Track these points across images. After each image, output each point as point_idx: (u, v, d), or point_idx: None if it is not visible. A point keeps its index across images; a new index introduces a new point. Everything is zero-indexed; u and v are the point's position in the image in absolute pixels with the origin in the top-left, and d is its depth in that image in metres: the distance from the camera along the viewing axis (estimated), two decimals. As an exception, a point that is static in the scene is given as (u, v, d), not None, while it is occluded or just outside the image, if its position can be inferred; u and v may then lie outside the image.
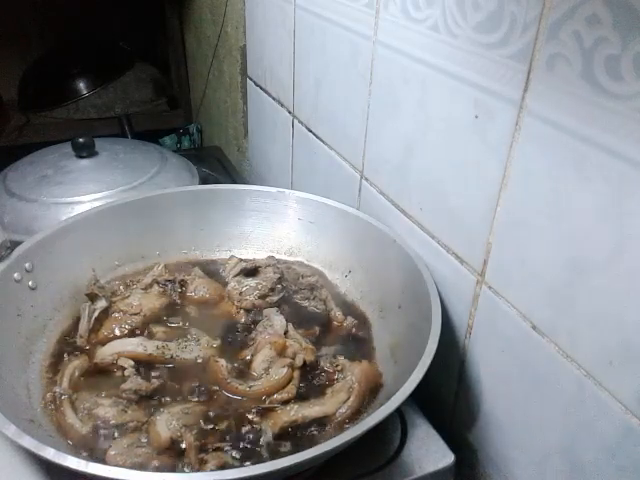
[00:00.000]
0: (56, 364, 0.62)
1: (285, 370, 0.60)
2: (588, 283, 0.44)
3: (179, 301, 0.72)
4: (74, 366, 0.61)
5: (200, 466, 0.50)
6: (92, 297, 0.68)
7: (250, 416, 0.56)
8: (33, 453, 0.43)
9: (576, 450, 0.48)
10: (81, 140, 0.99)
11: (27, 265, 0.65)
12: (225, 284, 0.75)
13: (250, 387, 0.59)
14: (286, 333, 0.66)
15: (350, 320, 0.70)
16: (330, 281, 0.77)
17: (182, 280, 0.74)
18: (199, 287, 0.74)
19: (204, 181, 1.09)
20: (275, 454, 0.52)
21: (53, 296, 0.68)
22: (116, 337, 0.65)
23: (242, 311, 0.71)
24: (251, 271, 0.75)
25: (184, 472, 0.49)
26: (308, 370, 0.61)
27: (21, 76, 1.64)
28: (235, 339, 0.66)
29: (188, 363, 0.63)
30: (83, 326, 0.66)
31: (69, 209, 0.89)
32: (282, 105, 0.99)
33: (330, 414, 0.56)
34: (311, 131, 0.89)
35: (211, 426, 0.54)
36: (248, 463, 0.51)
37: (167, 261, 0.79)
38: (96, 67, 1.61)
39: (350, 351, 0.65)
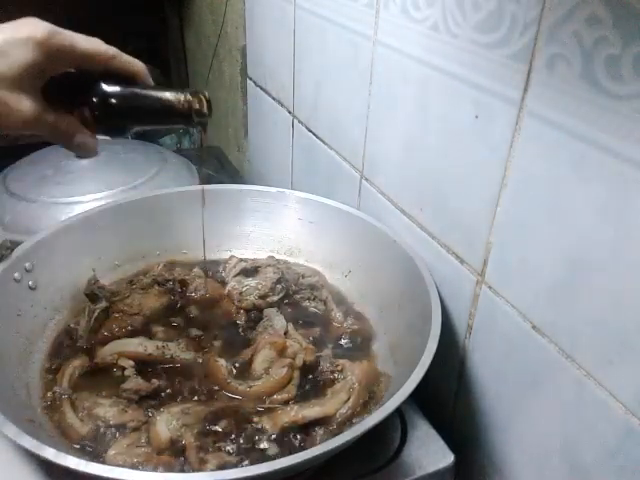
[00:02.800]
0: (56, 364, 0.62)
1: (285, 370, 0.60)
2: (588, 283, 0.44)
3: (179, 301, 0.72)
4: (74, 366, 0.61)
5: (200, 466, 0.50)
6: (92, 297, 0.68)
7: (250, 416, 0.56)
8: (33, 453, 0.43)
9: (576, 450, 0.48)
10: (81, 140, 0.99)
11: (27, 265, 0.65)
12: (225, 284, 0.75)
13: (250, 387, 0.59)
14: (286, 333, 0.66)
15: (350, 320, 0.70)
16: (330, 281, 0.77)
17: (182, 280, 0.74)
18: (199, 287, 0.74)
19: (204, 181, 1.09)
20: (275, 454, 0.52)
21: (53, 296, 0.68)
22: (116, 337, 0.65)
23: (242, 311, 0.71)
24: (251, 271, 0.75)
25: (184, 472, 0.49)
26: (308, 370, 0.61)
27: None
28: (235, 339, 0.66)
29: (188, 363, 0.63)
30: (83, 326, 0.66)
31: (69, 209, 0.89)
32: (282, 105, 0.99)
33: (330, 414, 0.55)
34: (311, 131, 0.89)
35: (211, 426, 0.54)
36: (248, 463, 0.51)
37: (167, 261, 0.79)
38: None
39: (350, 351, 0.65)
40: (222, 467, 0.50)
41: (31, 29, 0.45)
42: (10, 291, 0.62)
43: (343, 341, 0.67)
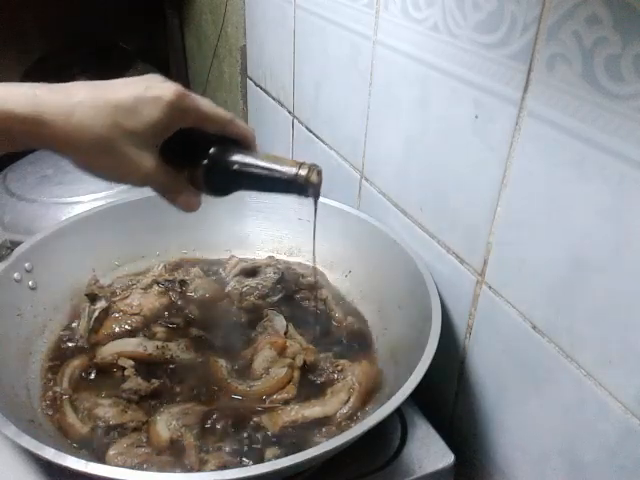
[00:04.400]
0: (56, 364, 0.62)
1: (285, 370, 0.60)
2: (588, 283, 0.44)
3: (179, 301, 0.72)
4: (74, 366, 0.61)
5: (200, 466, 0.50)
6: (92, 297, 0.68)
7: (250, 416, 0.56)
8: (33, 453, 0.43)
9: (576, 450, 0.48)
10: (81, 140, 0.99)
11: (27, 265, 0.65)
12: (225, 284, 0.75)
13: (250, 387, 0.59)
14: (286, 333, 0.66)
15: (350, 320, 0.70)
16: (330, 281, 0.77)
17: (182, 280, 0.74)
18: (199, 287, 0.74)
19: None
20: (275, 454, 0.52)
21: (53, 296, 0.68)
22: (116, 337, 0.65)
23: (242, 311, 0.71)
24: (251, 271, 0.75)
25: (184, 472, 0.49)
26: (308, 370, 0.61)
27: (21, 76, 1.64)
28: (235, 339, 0.66)
29: (188, 363, 0.63)
30: (83, 326, 0.66)
31: (69, 209, 0.89)
32: (282, 105, 0.99)
33: (330, 414, 0.56)
34: (311, 131, 0.89)
35: (211, 426, 0.54)
36: (248, 463, 0.51)
37: (167, 261, 0.78)
38: (96, 67, 1.61)
39: (350, 351, 0.65)
40: (222, 467, 0.50)
41: (161, 89, 0.46)
42: (10, 291, 0.62)
43: (343, 341, 0.67)
